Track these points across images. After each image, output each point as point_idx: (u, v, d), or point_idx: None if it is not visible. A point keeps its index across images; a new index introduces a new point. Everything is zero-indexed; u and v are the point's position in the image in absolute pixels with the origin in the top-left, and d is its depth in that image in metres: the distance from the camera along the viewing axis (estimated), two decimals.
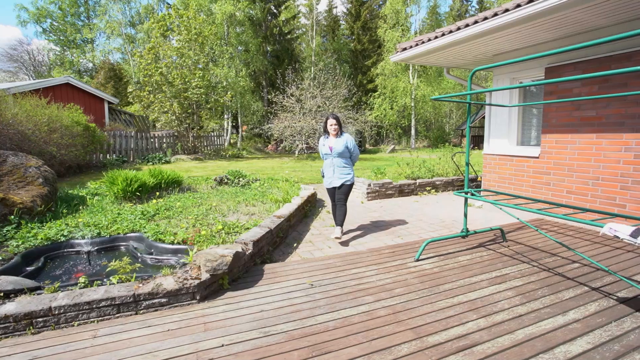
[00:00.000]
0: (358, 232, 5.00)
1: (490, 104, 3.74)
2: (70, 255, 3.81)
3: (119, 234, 4.22)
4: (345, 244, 4.40)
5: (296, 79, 16.51)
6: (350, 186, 4.45)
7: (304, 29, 31.97)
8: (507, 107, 5.86)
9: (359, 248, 4.29)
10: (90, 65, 30.68)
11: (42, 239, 3.92)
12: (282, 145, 16.76)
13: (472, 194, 3.68)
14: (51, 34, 30.25)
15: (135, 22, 29.81)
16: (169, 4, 15.68)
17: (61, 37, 30.16)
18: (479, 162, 10.74)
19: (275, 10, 26.85)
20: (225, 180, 7.51)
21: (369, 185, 7.27)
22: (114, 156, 13.01)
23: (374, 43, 31.35)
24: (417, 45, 6.15)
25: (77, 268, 3.53)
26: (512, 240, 4.23)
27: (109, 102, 15.72)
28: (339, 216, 4.50)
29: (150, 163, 13.24)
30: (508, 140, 5.88)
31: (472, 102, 3.64)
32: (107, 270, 3.04)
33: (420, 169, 8.71)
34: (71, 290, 2.68)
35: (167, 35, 15.31)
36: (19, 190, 4.75)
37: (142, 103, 14.75)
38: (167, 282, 2.79)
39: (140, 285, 2.74)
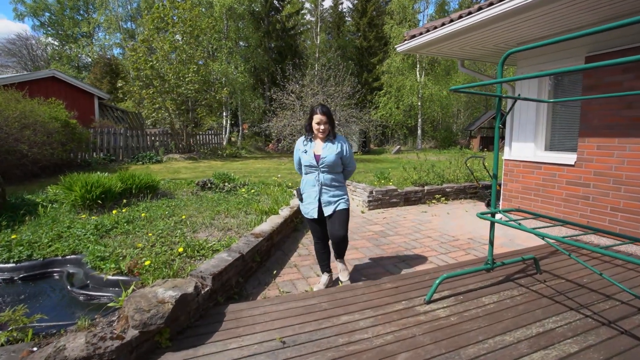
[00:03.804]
0: (355, 253, 4.15)
1: (525, 99, 2.86)
2: None
3: (56, 255, 3.41)
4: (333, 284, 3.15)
5: (297, 75, 15.64)
6: (348, 211, 3.04)
7: (309, 26, 31.07)
8: (535, 105, 4.96)
9: (354, 276, 3.45)
10: (89, 60, 30.04)
11: None
12: (281, 144, 15.92)
13: (494, 216, 2.81)
14: (49, 28, 29.65)
15: (136, 17, 29.13)
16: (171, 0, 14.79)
17: (59, 32, 29.54)
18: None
19: (277, 5, 25.98)
20: (209, 184, 6.69)
21: (371, 192, 6.41)
22: (102, 155, 12.27)
23: (380, 40, 30.35)
24: (427, 31, 5.28)
25: None
26: (548, 271, 3.35)
27: (100, 98, 14.99)
28: (340, 250, 3.11)
29: (140, 162, 12.48)
30: (535, 144, 4.98)
31: (504, 95, 2.76)
32: None
33: (429, 174, 7.83)
34: None
35: (162, 28, 14.48)
36: None
37: (133, 99, 13.98)
38: (75, 344, 1.96)
39: (33, 350, 1.92)
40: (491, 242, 2.96)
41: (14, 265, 3.24)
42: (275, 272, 3.55)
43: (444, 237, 4.79)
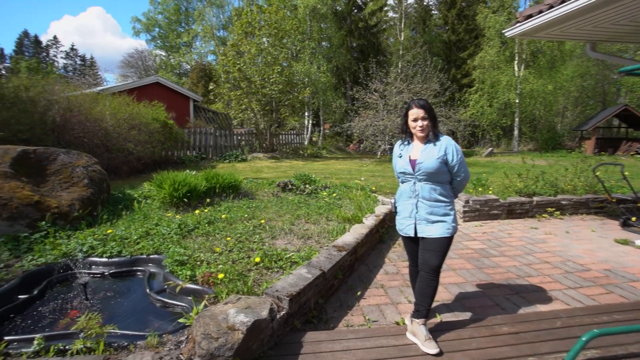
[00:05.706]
0: (452, 275, 3.48)
1: None
2: (79, 279, 3.09)
3: (141, 254, 3.43)
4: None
5: (380, 73, 14.98)
6: (450, 240, 2.32)
7: (392, 22, 29.99)
8: None
9: (454, 309, 2.82)
10: (188, 67, 33.45)
11: (56, 255, 3.31)
12: (362, 145, 15.42)
13: None
14: (158, 41, 33.83)
15: (228, 25, 31.39)
16: (258, 5, 15.46)
17: (165, 43, 33.48)
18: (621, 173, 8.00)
19: (360, 3, 25.52)
20: (290, 186, 6.52)
21: (467, 201, 5.56)
22: (194, 153, 13.23)
23: (470, 33, 27.87)
24: (551, 8, 4.30)
25: (76, 301, 2.77)
26: None
27: (194, 100, 16.30)
28: (422, 296, 2.33)
29: (227, 161, 13.14)
30: None
31: None
32: (74, 327, 2.13)
33: (537, 181, 6.59)
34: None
35: (250, 32, 15.13)
36: (62, 192, 4.33)
37: (223, 100, 14.84)
38: None
39: None
40: None
41: (106, 260, 3.33)
42: (359, 293, 3.09)
43: (567, 265, 3.82)
